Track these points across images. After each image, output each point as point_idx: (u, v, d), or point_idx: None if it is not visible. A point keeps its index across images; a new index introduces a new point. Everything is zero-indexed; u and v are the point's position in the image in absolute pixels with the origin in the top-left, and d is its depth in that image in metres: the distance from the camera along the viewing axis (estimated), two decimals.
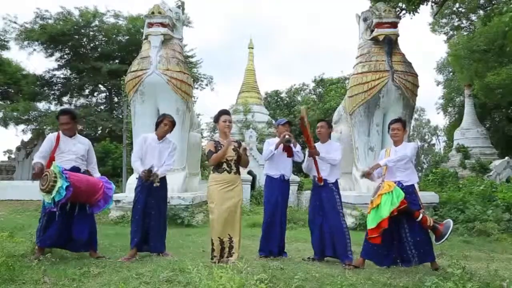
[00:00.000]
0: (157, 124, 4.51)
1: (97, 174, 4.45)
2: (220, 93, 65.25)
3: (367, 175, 4.26)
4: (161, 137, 4.49)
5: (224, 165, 3.99)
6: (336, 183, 4.43)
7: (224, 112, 4.14)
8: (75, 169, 4.16)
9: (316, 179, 4.41)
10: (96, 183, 4.21)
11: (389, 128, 4.37)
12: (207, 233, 4.41)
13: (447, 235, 3.90)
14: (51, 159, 4.10)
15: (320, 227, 4.38)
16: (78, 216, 4.10)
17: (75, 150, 4.22)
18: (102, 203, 4.23)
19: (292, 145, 4.46)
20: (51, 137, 4.25)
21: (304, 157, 4.63)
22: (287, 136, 4.36)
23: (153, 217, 4.35)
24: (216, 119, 4.16)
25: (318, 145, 4.49)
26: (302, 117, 4.23)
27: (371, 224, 3.85)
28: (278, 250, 4.52)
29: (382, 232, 3.79)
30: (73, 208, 4.06)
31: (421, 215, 3.92)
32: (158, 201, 4.42)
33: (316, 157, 4.32)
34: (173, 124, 4.54)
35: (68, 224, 4.08)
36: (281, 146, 4.48)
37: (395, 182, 3.97)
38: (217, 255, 3.93)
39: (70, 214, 4.06)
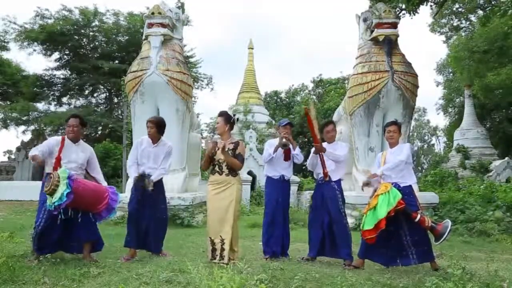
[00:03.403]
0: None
1: (103, 182, 4.35)
2: (218, 94, 65.43)
3: (366, 185, 4.28)
4: (154, 140, 4.41)
5: (216, 167, 4.10)
6: (338, 182, 4.45)
7: (219, 113, 4.23)
8: None
9: (320, 175, 4.42)
10: (102, 192, 4.09)
11: (384, 130, 4.38)
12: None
13: (445, 235, 3.91)
14: (58, 159, 4.02)
15: (321, 225, 4.39)
16: (82, 220, 3.99)
17: (75, 158, 4.12)
18: (105, 213, 4.11)
19: (291, 147, 4.47)
20: (54, 139, 4.17)
21: (308, 155, 4.64)
22: (283, 140, 4.38)
23: (149, 218, 4.32)
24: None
25: (325, 145, 4.47)
26: (306, 113, 4.24)
27: (368, 225, 3.86)
28: (281, 250, 4.52)
29: (379, 232, 3.79)
30: (75, 213, 3.94)
31: (418, 216, 3.91)
32: (154, 202, 4.37)
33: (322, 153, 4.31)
34: (157, 124, 4.38)
35: (69, 229, 3.99)
36: (280, 149, 4.49)
37: (391, 183, 3.98)
38: (209, 255, 4.00)
39: (72, 219, 3.94)
